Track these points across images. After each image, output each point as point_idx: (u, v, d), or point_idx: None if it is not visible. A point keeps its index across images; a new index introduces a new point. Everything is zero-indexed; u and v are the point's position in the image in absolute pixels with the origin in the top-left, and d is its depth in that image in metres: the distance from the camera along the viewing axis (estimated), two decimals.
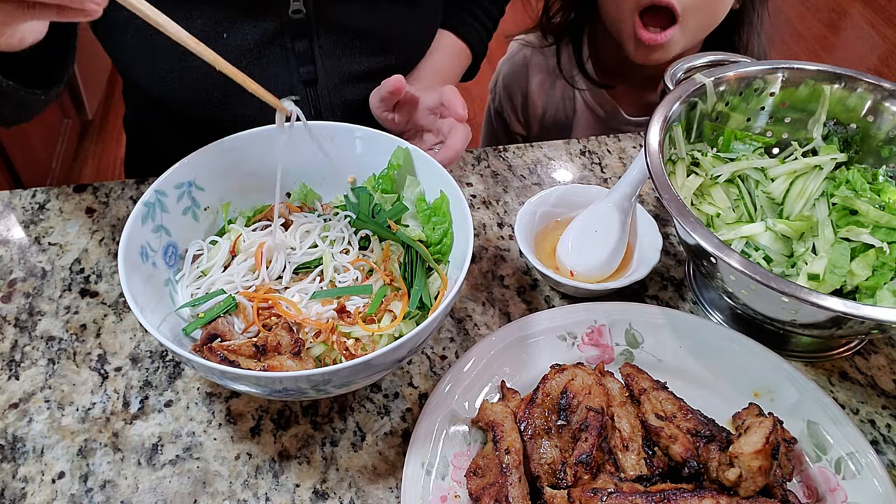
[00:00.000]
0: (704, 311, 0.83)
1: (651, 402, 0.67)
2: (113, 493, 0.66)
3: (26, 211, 0.92)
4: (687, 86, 0.81)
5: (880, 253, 0.72)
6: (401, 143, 0.78)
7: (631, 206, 0.84)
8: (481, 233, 0.92)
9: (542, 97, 1.32)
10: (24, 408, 0.72)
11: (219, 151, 0.76)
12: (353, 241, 0.77)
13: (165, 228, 0.72)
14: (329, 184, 0.83)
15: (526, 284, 0.85)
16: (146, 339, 0.78)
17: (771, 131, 0.88)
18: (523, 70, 1.33)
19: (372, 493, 0.66)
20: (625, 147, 1.06)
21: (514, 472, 0.61)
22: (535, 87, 1.32)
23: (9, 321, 0.79)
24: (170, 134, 1.02)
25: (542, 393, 0.67)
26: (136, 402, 0.72)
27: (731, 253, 0.63)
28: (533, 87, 1.32)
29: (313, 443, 0.70)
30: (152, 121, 1.09)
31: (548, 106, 1.33)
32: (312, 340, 0.68)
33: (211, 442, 0.69)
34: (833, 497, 0.64)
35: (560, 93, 1.31)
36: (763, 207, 0.81)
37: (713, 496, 0.58)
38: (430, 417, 0.67)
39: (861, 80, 0.82)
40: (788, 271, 0.75)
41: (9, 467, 0.67)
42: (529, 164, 1.02)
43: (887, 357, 0.79)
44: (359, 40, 0.94)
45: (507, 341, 0.73)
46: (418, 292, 0.71)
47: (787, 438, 0.66)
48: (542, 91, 1.32)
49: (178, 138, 0.86)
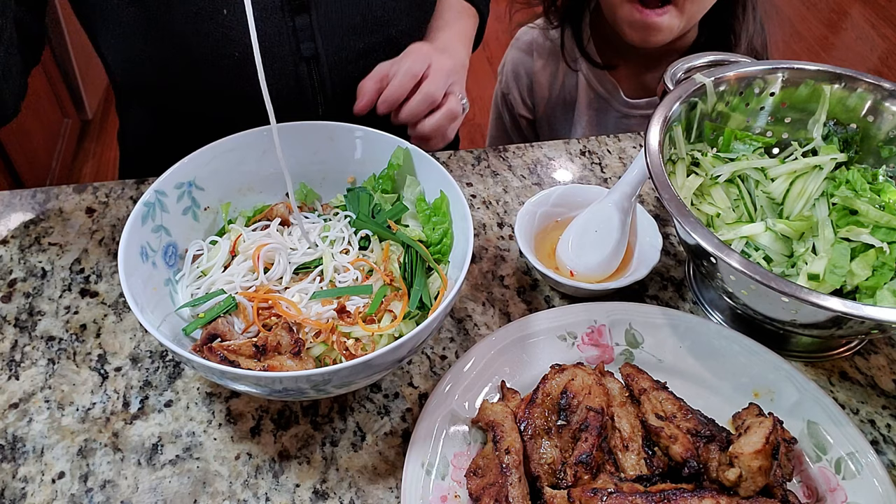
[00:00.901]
0: (704, 311, 0.83)
1: (651, 402, 0.67)
2: (113, 493, 0.66)
3: (26, 211, 0.92)
4: (687, 86, 0.81)
5: (880, 253, 0.72)
6: (401, 143, 0.78)
7: (631, 206, 0.84)
8: (481, 233, 0.92)
9: (547, 79, 1.35)
10: (24, 408, 0.72)
11: (219, 151, 0.76)
12: (353, 241, 0.77)
13: (165, 228, 0.72)
14: (329, 184, 0.83)
15: (526, 284, 0.85)
16: (146, 339, 0.78)
17: (771, 131, 0.88)
18: (529, 53, 1.36)
19: (372, 493, 0.66)
20: (625, 147, 1.06)
21: (514, 472, 0.61)
22: (539, 70, 1.35)
23: (9, 321, 0.79)
24: (163, 141, 1.02)
25: (542, 393, 0.67)
26: (136, 402, 0.72)
27: (731, 253, 0.63)
28: (537, 70, 1.35)
29: (313, 443, 0.70)
30: (146, 130, 1.09)
31: (552, 88, 1.35)
32: (312, 340, 0.68)
33: (211, 442, 0.69)
34: (833, 497, 0.64)
35: (563, 75, 1.33)
36: (763, 207, 0.81)
37: (713, 496, 0.58)
38: (430, 417, 0.67)
39: (861, 80, 0.82)
40: (788, 271, 0.75)
41: (9, 467, 0.67)
42: (529, 164, 1.02)
43: (887, 357, 0.79)
44: (359, 16, 0.94)
45: (507, 341, 0.73)
46: (418, 292, 0.71)
47: (787, 438, 0.66)
48: (546, 73, 1.35)
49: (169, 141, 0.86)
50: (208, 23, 0.85)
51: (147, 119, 1.09)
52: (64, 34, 2.29)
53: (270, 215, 0.79)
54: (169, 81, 0.93)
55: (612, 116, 1.31)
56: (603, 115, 1.32)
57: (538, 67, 1.35)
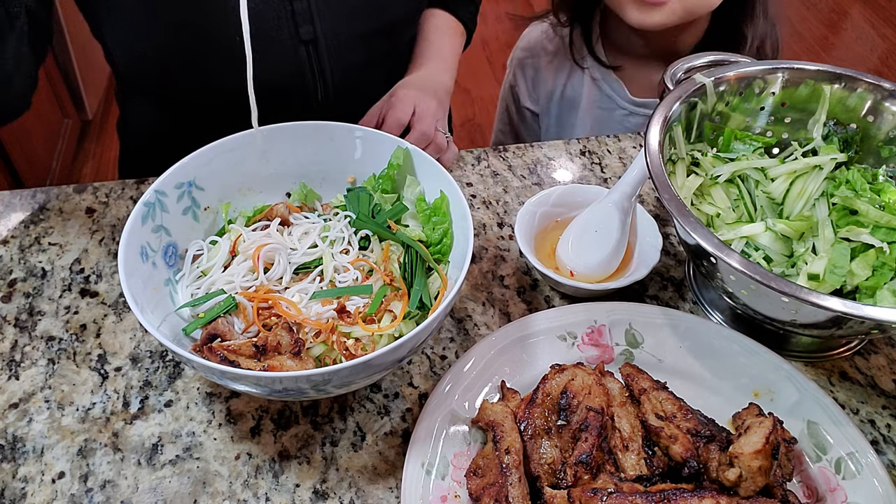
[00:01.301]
0: (704, 311, 0.83)
1: (651, 402, 0.67)
2: (113, 493, 0.66)
3: (26, 211, 0.92)
4: (687, 86, 0.81)
5: (880, 253, 0.72)
6: (401, 143, 0.78)
7: (631, 206, 0.84)
8: (481, 233, 0.92)
9: (552, 74, 1.36)
10: (24, 408, 0.72)
11: (219, 151, 0.76)
12: (353, 241, 0.77)
13: (165, 228, 0.72)
14: (329, 184, 0.83)
15: (526, 284, 0.85)
16: (146, 339, 0.78)
17: (771, 131, 0.88)
18: (537, 48, 1.37)
19: (372, 493, 0.66)
20: (625, 147, 1.06)
21: (514, 472, 0.61)
22: (545, 65, 1.36)
23: (9, 321, 0.79)
24: (165, 133, 1.03)
25: (542, 393, 0.67)
26: (136, 402, 0.72)
27: (731, 253, 0.63)
28: (543, 65, 1.36)
29: (313, 443, 0.70)
30: (147, 119, 1.10)
31: (556, 83, 1.36)
32: (312, 340, 0.68)
33: (211, 442, 0.69)
34: (833, 497, 0.64)
35: (569, 72, 1.34)
36: (763, 207, 0.81)
37: (713, 496, 0.58)
38: (430, 417, 0.67)
39: (861, 80, 0.82)
40: (788, 271, 0.75)
41: (9, 467, 0.67)
42: (529, 164, 1.02)
43: (887, 357, 0.79)
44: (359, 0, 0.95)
45: (507, 341, 0.73)
46: (418, 292, 0.71)
47: (787, 438, 0.66)
48: (551, 69, 1.36)
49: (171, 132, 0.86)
50: (212, 7, 0.86)
51: (149, 110, 1.09)
52: (64, 34, 2.29)
53: (270, 215, 0.79)
54: (171, 70, 0.94)
55: (618, 114, 1.31)
56: (608, 113, 1.32)
57: (544, 63, 1.36)
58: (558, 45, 1.34)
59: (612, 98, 1.31)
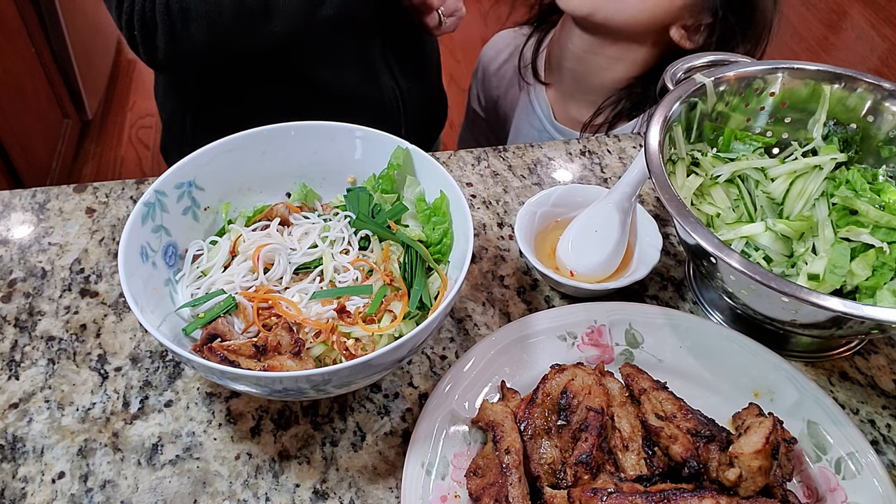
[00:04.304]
0: (704, 311, 0.83)
1: (651, 402, 0.67)
2: (113, 493, 0.66)
3: (26, 211, 0.92)
4: (687, 86, 0.81)
5: (880, 253, 0.72)
6: (401, 143, 0.78)
7: (631, 206, 0.84)
8: (481, 233, 0.92)
9: (498, 81, 1.39)
10: (24, 408, 0.72)
11: (219, 151, 0.76)
12: (353, 241, 0.77)
13: (165, 228, 0.72)
14: (329, 184, 0.83)
15: (526, 284, 0.85)
16: (146, 339, 0.78)
17: (771, 131, 0.88)
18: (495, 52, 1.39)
19: (372, 493, 0.66)
20: (625, 147, 1.06)
21: (514, 472, 0.61)
22: (495, 70, 1.38)
23: (9, 321, 0.79)
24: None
25: (542, 393, 0.67)
26: (136, 402, 0.72)
27: (731, 253, 0.63)
28: (493, 68, 1.39)
29: (313, 443, 0.70)
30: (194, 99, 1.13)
31: (500, 90, 1.39)
32: (312, 340, 0.68)
33: (211, 442, 0.69)
34: (833, 497, 0.64)
35: (509, 81, 1.36)
36: (763, 207, 0.81)
37: (713, 496, 0.58)
38: (430, 417, 0.67)
39: (861, 80, 0.82)
40: (788, 271, 0.75)
41: (9, 467, 0.67)
42: (529, 164, 1.02)
43: (887, 357, 0.79)
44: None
45: (507, 341, 0.73)
46: (418, 292, 0.71)
47: (787, 438, 0.66)
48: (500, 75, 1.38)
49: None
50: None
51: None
52: (64, 34, 2.28)
53: (270, 215, 0.78)
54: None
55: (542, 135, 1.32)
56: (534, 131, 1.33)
57: (495, 67, 1.38)
58: (511, 53, 1.35)
59: (539, 117, 1.31)
